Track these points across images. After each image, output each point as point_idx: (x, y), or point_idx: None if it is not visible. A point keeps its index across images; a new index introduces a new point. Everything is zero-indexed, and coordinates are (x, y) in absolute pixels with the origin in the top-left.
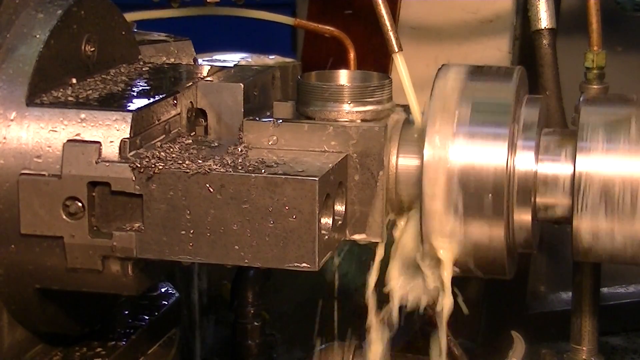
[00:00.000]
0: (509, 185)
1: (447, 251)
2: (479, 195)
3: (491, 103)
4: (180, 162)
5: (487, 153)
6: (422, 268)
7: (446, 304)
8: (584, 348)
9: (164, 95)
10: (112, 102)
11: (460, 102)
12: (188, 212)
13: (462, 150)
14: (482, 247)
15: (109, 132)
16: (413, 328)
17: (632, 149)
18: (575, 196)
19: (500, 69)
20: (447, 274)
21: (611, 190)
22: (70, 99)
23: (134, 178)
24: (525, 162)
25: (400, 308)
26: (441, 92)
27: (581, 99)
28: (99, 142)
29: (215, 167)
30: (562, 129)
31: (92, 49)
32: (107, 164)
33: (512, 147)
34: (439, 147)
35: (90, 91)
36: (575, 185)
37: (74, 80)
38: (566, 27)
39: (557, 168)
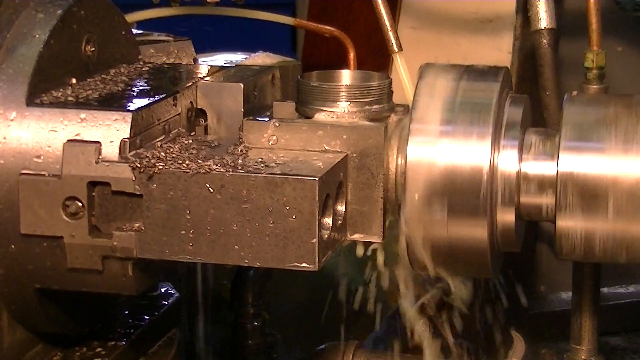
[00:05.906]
0: (492, 184)
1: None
2: (462, 194)
3: (475, 102)
4: (180, 162)
5: (470, 152)
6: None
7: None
8: (583, 348)
9: (164, 95)
10: (112, 102)
11: (443, 101)
12: (188, 212)
13: (446, 150)
14: (466, 247)
15: (109, 132)
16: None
17: (615, 148)
18: (558, 196)
19: (485, 68)
20: (431, 272)
21: (594, 190)
22: (70, 99)
23: (134, 178)
24: (509, 161)
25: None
26: (425, 91)
27: (565, 98)
28: (99, 142)
29: (215, 167)
30: (546, 128)
31: (92, 49)
32: (107, 164)
33: (495, 147)
34: (422, 146)
35: (90, 91)
36: (558, 185)
37: (74, 80)
38: (568, 27)
39: (541, 167)
